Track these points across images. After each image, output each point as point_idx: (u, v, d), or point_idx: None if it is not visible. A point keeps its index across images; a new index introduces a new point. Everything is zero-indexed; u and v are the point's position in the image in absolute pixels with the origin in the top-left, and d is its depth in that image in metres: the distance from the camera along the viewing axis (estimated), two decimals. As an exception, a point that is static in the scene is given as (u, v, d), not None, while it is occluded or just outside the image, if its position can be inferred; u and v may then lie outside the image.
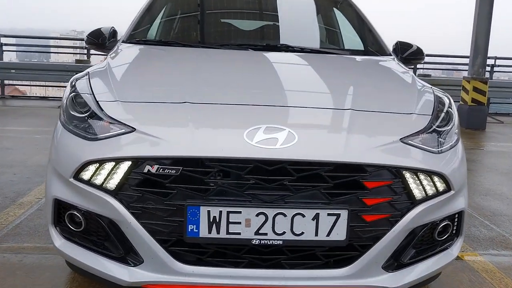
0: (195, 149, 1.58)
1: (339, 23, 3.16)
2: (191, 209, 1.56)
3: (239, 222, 1.58)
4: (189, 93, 1.80)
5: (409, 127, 1.76)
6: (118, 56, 2.31)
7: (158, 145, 1.60)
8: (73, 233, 1.75)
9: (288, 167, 1.57)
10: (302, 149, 1.59)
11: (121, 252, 1.67)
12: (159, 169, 1.57)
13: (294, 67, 2.33)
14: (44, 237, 2.58)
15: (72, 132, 1.74)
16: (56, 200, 1.74)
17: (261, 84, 2.02)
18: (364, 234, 1.64)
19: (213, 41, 2.77)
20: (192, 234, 1.58)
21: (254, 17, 3.18)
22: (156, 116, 1.72)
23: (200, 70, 2.14)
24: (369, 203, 1.62)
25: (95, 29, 2.73)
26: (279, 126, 1.65)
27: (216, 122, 1.70)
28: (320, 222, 1.59)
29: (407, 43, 2.82)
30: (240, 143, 1.59)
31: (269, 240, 1.59)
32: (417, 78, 2.29)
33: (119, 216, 1.60)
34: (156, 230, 1.60)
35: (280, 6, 3.15)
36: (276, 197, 1.58)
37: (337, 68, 2.38)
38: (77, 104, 1.83)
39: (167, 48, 2.52)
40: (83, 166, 1.64)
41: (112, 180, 1.61)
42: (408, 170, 1.65)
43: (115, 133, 1.66)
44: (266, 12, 3.19)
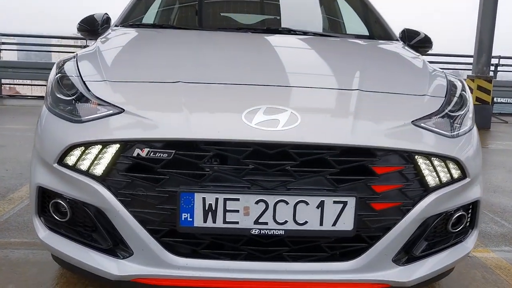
0: (189, 131, 1.45)
1: (343, 11, 3.03)
2: (184, 196, 1.43)
3: (237, 210, 1.44)
4: (183, 73, 1.67)
5: (421, 109, 1.63)
6: (108, 39, 2.18)
7: (149, 126, 1.47)
8: (58, 224, 1.62)
9: (290, 151, 1.44)
10: (305, 132, 1.46)
11: (109, 243, 1.54)
12: (150, 153, 1.45)
13: (296, 49, 2.20)
14: (33, 233, 2.43)
15: (57, 115, 1.62)
16: (40, 188, 1.62)
17: (261, 65, 1.89)
18: (373, 224, 1.51)
19: (211, 25, 2.64)
20: (185, 223, 1.45)
21: (255, 7, 3.06)
22: (147, 96, 1.59)
23: (195, 50, 2.01)
24: (378, 190, 1.49)
25: (88, 16, 2.60)
26: (281, 106, 1.52)
27: (212, 102, 1.57)
28: (325, 211, 1.45)
29: (414, 30, 2.69)
30: (238, 125, 1.46)
31: (269, 230, 1.46)
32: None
33: (106, 204, 1.47)
34: (146, 219, 1.47)
35: (282, 3, 3.01)
36: (277, 184, 1.45)
37: (342, 50, 2.25)
38: (63, 86, 1.70)
39: (162, 30, 2.39)
40: (67, 150, 1.52)
41: (99, 165, 1.48)
42: (421, 154, 1.52)
43: (102, 114, 1.53)
44: (268, 1, 3.07)
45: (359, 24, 2.80)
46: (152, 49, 2.07)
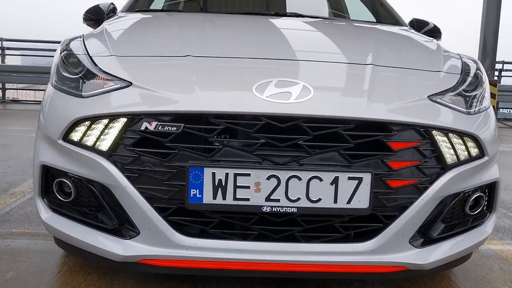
0: (198, 103, 1.40)
1: (347, 1, 2.99)
2: (193, 171, 1.38)
3: (247, 187, 1.39)
4: (192, 47, 1.63)
5: (436, 85, 1.58)
6: (116, 21, 2.14)
7: (157, 100, 1.42)
8: (62, 205, 1.57)
9: (303, 125, 1.39)
10: (318, 104, 1.41)
11: (115, 223, 1.48)
12: (158, 126, 1.39)
13: (306, 29, 2.15)
14: (35, 224, 2.39)
15: (63, 91, 1.57)
16: (44, 167, 1.56)
17: (271, 41, 1.84)
18: (389, 202, 1.44)
19: (218, 10, 2.61)
20: (194, 200, 1.39)
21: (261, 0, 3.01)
22: (155, 70, 1.54)
23: (204, 27, 1.97)
24: (394, 167, 1.43)
25: (93, 6, 2.56)
26: (293, 79, 1.47)
27: (221, 75, 1.52)
28: (339, 187, 1.39)
29: (423, 20, 2.65)
30: (249, 97, 1.41)
31: (281, 208, 1.40)
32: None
33: (112, 180, 1.42)
34: (154, 197, 1.42)
35: None
36: (290, 159, 1.40)
37: (352, 30, 2.20)
38: (70, 64, 1.66)
39: (169, 13, 2.36)
40: (72, 126, 1.47)
41: (105, 140, 1.43)
42: (438, 130, 1.47)
43: (109, 88, 1.48)
44: None
45: (366, 12, 2.76)
46: (160, 27, 2.03)
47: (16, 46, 9.64)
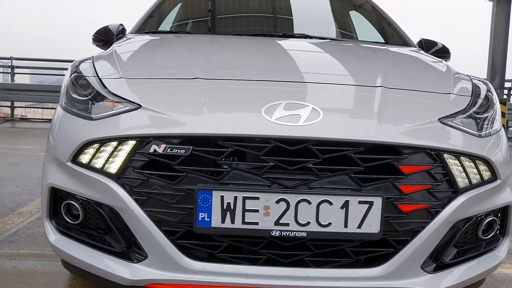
0: (207, 126, 1.40)
1: (356, 24, 3.00)
2: (202, 194, 1.37)
3: (256, 210, 1.37)
4: (200, 70, 1.63)
5: (447, 107, 1.57)
6: (125, 43, 2.16)
7: (166, 122, 1.42)
8: (70, 227, 1.56)
9: (313, 147, 1.38)
10: (328, 127, 1.40)
11: (123, 246, 1.46)
12: (167, 149, 1.39)
13: (314, 51, 2.16)
14: (42, 245, 2.38)
15: (72, 113, 1.58)
16: (53, 189, 1.56)
17: (279, 63, 1.85)
18: (400, 226, 1.42)
19: (226, 31, 2.62)
20: (203, 223, 1.38)
21: (268, 23, 3.03)
22: (164, 92, 1.55)
23: (212, 49, 1.99)
24: (406, 190, 1.41)
25: (102, 27, 2.59)
26: (302, 102, 1.46)
27: (230, 97, 1.52)
28: (350, 211, 1.38)
29: (431, 40, 2.66)
30: (258, 120, 1.41)
31: (291, 232, 1.38)
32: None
33: (121, 203, 1.41)
34: (162, 220, 1.40)
35: (295, 11, 2.99)
36: (299, 182, 1.38)
37: (361, 51, 2.21)
38: (79, 86, 1.67)
39: (179, 35, 2.37)
40: (82, 148, 1.47)
41: (114, 162, 1.43)
42: (449, 153, 1.45)
43: (119, 110, 1.49)
44: (281, 16, 3.05)
45: (374, 33, 2.77)
46: (169, 49, 2.05)
47: (25, 64, 9.77)
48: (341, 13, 3.04)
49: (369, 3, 2.99)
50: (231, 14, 2.86)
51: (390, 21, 2.74)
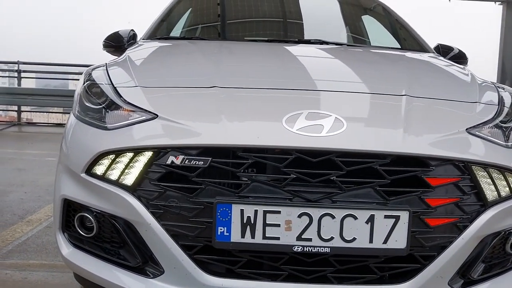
0: (227, 137, 1.35)
1: (369, 28, 2.94)
2: (221, 208, 1.32)
3: (277, 225, 1.32)
4: (218, 78, 1.58)
5: (474, 117, 1.51)
6: (138, 50, 2.12)
7: (184, 132, 1.38)
8: (83, 240, 1.51)
9: (336, 159, 1.33)
10: (352, 138, 1.35)
11: (138, 261, 1.41)
12: (185, 160, 1.34)
13: (332, 57, 2.11)
14: (52, 255, 2.34)
15: (86, 123, 1.53)
16: (66, 201, 1.52)
17: (299, 70, 1.80)
18: (427, 241, 1.36)
19: (235, 36, 2.57)
20: (222, 238, 1.32)
21: (278, 27, 2.98)
22: (181, 101, 1.50)
23: (228, 56, 1.94)
24: (433, 204, 1.35)
25: (112, 33, 2.55)
26: (324, 111, 1.41)
27: (249, 107, 1.47)
28: (375, 226, 1.32)
29: (448, 45, 2.60)
30: (279, 130, 1.36)
31: (313, 247, 1.33)
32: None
33: (137, 216, 1.36)
34: (179, 234, 1.35)
35: (308, 16, 2.94)
36: (322, 195, 1.33)
37: (382, 59, 2.15)
38: (93, 94, 1.62)
39: (192, 41, 2.33)
40: (96, 159, 1.42)
41: (130, 174, 1.38)
42: (478, 165, 1.39)
43: (135, 120, 1.44)
44: (291, 20, 3.00)
45: (389, 39, 2.71)
46: (183, 56, 2.00)
47: (32, 69, 9.77)
48: (354, 18, 2.99)
49: (382, 7, 2.93)
50: (242, 19, 2.82)
51: (406, 26, 2.69)
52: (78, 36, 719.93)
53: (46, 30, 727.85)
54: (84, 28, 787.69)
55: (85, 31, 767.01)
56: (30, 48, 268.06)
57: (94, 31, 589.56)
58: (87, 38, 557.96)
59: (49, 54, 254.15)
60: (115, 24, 73.85)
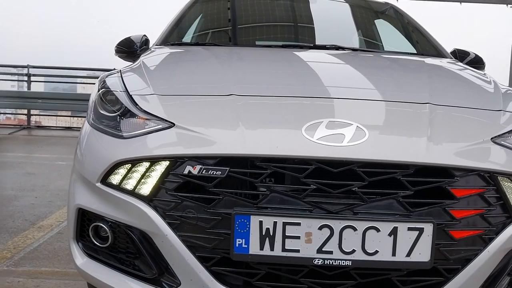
0: (245, 146, 1.32)
1: (382, 32, 2.90)
2: (239, 219, 1.29)
3: (297, 237, 1.28)
4: (234, 86, 1.55)
5: (499, 125, 1.47)
6: (152, 56, 2.09)
7: (201, 142, 1.35)
8: (98, 250, 1.49)
9: (358, 170, 1.29)
10: (375, 148, 1.31)
11: (154, 272, 1.39)
12: (202, 170, 1.31)
13: (349, 63, 2.07)
14: (64, 262, 2.32)
15: (101, 131, 1.51)
16: (80, 210, 1.49)
17: (316, 77, 1.76)
18: (451, 254, 1.32)
19: (246, 41, 2.55)
20: (240, 250, 1.29)
21: (289, 31, 2.95)
22: (198, 110, 1.47)
23: (244, 64, 1.91)
24: (457, 216, 1.31)
25: (124, 38, 2.53)
26: (345, 120, 1.38)
27: (268, 116, 1.44)
28: (398, 239, 1.28)
29: (464, 50, 2.55)
30: (299, 140, 1.32)
31: (334, 260, 1.29)
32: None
33: (153, 227, 1.34)
34: (196, 245, 1.32)
35: (321, 21, 2.89)
36: (343, 207, 1.29)
37: (400, 64, 2.11)
38: (107, 101, 1.60)
39: (205, 47, 2.30)
40: (112, 168, 1.40)
41: (146, 184, 1.35)
42: (504, 175, 1.35)
43: (151, 129, 1.42)
44: (302, 24, 2.96)
45: (403, 42, 2.66)
46: (198, 63, 1.97)
47: (41, 72, 9.82)
48: (367, 22, 2.95)
49: (395, 10, 2.89)
50: (255, 23, 2.79)
51: (421, 30, 2.64)
52: (87, 40, 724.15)
53: (56, 33, 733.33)
54: (94, 32, 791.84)
55: (95, 35, 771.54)
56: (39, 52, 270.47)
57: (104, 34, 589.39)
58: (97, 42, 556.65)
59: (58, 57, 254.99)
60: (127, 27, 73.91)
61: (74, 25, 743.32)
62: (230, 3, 2.81)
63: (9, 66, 10.04)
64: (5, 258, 2.34)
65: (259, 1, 2.88)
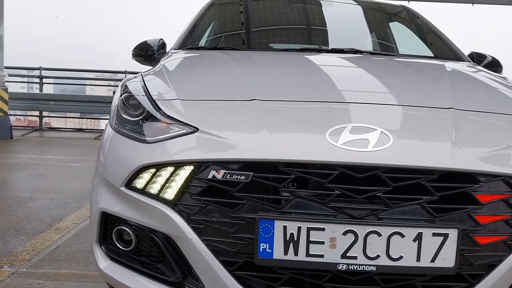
0: (269, 151, 1.32)
1: (397, 35, 2.89)
2: (263, 224, 1.29)
3: (322, 242, 1.29)
4: (256, 90, 1.56)
5: None
6: (172, 60, 2.11)
7: (225, 146, 1.35)
8: (121, 253, 1.50)
9: (383, 175, 1.29)
10: (399, 153, 1.31)
11: (178, 275, 1.40)
12: (226, 175, 1.32)
13: (369, 67, 2.06)
14: (83, 264, 2.34)
15: (124, 135, 1.52)
16: (103, 214, 1.51)
17: (338, 81, 1.76)
18: (476, 260, 1.32)
19: (259, 44, 2.56)
20: (264, 254, 1.30)
21: (302, 34, 2.95)
22: (221, 115, 1.48)
23: (265, 68, 1.91)
24: (482, 221, 1.31)
25: (141, 42, 2.55)
26: (369, 125, 1.38)
27: (291, 120, 1.44)
28: (423, 244, 1.28)
29: (481, 53, 2.54)
30: (323, 145, 1.33)
31: (359, 266, 1.29)
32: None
33: (178, 231, 1.35)
34: (220, 249, 1.33)
35: (336, 24, 2.88)
36: (368, 212, 1.29)
37: (420, 68, 2.10)
38: (130, 106, 1.61)
39: (225, 51, 2.31)
40: (137, 172, 1.41)
41: (170, 188, 1.36)
42: None
43: (175, 134, 1.43)
44: (315, 27, 2.95)
45: (420, 46, 2.65)
46: (219, 67, 1.98)
47: (53, 74, 9.92)
48: (383, 25, 2.94)
49: (412, 13, 2.88)
50: (271, 27, 2.80)
51: (438, 33, 2.63)
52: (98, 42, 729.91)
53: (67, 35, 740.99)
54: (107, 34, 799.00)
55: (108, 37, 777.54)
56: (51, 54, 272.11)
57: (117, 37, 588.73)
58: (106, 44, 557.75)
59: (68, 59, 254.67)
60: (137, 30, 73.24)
61: (83, 27, 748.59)
62: (245, 7, 2.82)
63: (21, 68, 10.15)
64: (24, 260, 2.36)
65: (275, 4, 2.89)
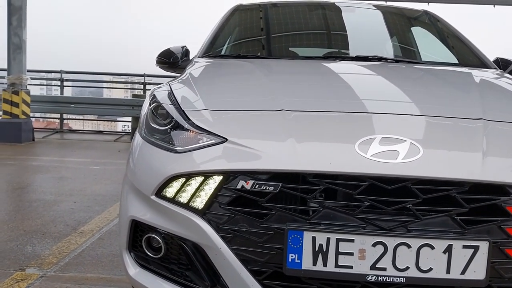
0: (298, 162, 1.33)
1: (419, 40, 2.86)
2: (292, 234, 1.30)
3: (351, 253, 1.29)
4: (285, 101, 1.57)
5: None
6: (198, 68, 2.13)
7: (254, 157, 1.37)
8: (150, 260, 1.52)
9: (412, 187, 1.29)
10: (429, 165, 1.31)
11: (207, 284, 1.41)
12: (255, 185, 1.33)
13: (396, 76, 2.05)
14: (108, 268, 2.38)
15: (154, 145, 1.55)
16: (133, 221, 1.53)
17: (365, 91, 1.76)
18: (506, 273, 1.31)
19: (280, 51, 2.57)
20: (293, 265, 1.31)
21: (322, 39, 2.94)
22: (250, 125, 1.50)
23: (291, 78, 1.92)
24: (513, 234, 1.30)
25: (164, 50, 2.60)
26: (398, 136, 1.37)
27: (320, 131, 1.45)
28: (453, 256, 1.27)
29: (506, 59, 2.51)
30: (352, 156, 1.33)
31: (388, 277, 1.29)
32: None
33: (207, 240, 1.36)
34: (249, 259, 1.35)
35: (357, 32, 2.88)
36: (397, 224, 1.30)
37: (449, 76, 2.09)
38: (158, 115, 1.64)
39: (249, 60, 2.33)
40: (167, 182, 1.43)
41: (200, 197, 1.39)
42: None
43: (204, 144, 1.45)
44: (335, 32, 2.94)
45: (444, 52, 2.63)
46: (246, 77, 2.00)
47: (74, 78, 10.10)
48: (405, 31, 2.92)
49: (433, 17, 2.86)
50: (295, 34, 2.81)
51: (462, 38, 2.61)
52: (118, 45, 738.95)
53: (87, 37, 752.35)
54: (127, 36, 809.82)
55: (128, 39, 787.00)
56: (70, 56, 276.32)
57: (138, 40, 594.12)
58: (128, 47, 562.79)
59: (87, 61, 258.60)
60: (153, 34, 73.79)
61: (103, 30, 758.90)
62: (265, 14, 2.84)
63: (43, 71, 10.35)
64: (51, 263, 2.41)
65: (298, 10, 2.90)
